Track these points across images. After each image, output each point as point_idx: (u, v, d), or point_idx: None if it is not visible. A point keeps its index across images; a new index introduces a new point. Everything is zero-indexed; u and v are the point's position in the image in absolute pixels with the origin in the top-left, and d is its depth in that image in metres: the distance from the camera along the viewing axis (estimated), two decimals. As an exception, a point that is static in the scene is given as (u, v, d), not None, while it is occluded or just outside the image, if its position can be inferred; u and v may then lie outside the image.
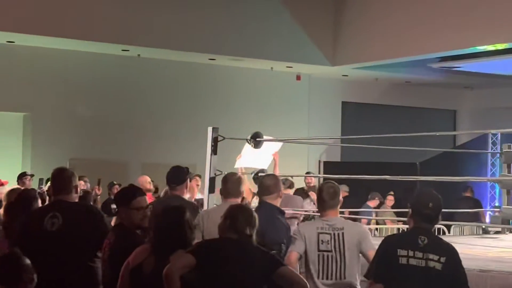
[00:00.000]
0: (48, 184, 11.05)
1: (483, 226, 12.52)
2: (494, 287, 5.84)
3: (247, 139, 9.47)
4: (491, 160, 18.91)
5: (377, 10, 16.16)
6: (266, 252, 4.58)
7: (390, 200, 13.77)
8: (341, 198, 5.52)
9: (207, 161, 9.28)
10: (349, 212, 12.20)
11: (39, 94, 15.77)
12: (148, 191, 9.65)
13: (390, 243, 4.68)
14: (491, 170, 18.81)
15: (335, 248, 5.29)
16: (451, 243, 8.63)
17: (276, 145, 10.19)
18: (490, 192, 18.03)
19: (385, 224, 13.18)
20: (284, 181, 10.44)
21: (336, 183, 5.60)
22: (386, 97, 20.25)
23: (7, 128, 15.99)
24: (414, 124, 18.97)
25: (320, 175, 10.91)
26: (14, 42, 15.05)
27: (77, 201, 5.58)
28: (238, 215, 4.53)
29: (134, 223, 5.04)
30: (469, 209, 13.61)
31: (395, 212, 13.63)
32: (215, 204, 8.76)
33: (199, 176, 10.97)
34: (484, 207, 15.95)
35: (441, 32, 14.71)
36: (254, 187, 9.74)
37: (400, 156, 16.01)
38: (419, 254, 4.45)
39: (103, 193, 13.55)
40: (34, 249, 4.91)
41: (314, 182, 13.21)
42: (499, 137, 18.27)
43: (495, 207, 14.94)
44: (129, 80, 16.66)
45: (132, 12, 14.99)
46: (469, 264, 6.26)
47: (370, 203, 13.68)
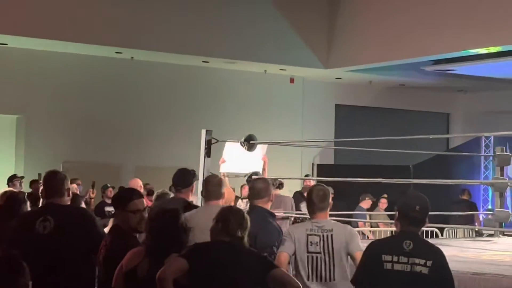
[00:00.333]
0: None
1: (476, 229, 12.54)
2: (487, 290, 5.84)
3: (240, 142, 9.45)
4: (484, 163, 18.93)
5: (371, 13, 16.18)
6: (258, 254, 4.58)
7: (383, 203, 13.77)
8: (331, 201, 5.54)
9: (200, 163, 9.26)
10: (340, 215, 12.16)
11: (32, 96, 15.74)
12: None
13: (374, 248, 4.67)
14: (484, 173, 18.84)
15: (323, 249, 5.29)
16: (444, 245, 8.65)
17: (263, 148, 10.11)
18: (483, 195, 18.04)
19: (378, 227, 13.19)
20: (273, 182, 10.42)
21: (326, 186, 5.61)
22: (380, 100, 20.27)
23: (0, 130, 15.97)
24: (407, 127, 18.96)
25: (319, 178, 10.90)
26: (7, 44, 15.02)
27: (68, 204, 5.56)
28: (230, 217, 4.50)
29: (130, 226, 5.03)
30: (461, 212, 13.63)
31: (388, 215, 13.64)
32: None
33: None
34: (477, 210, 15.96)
35: (434, 35, 14.74)
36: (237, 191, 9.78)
37: (393, 159, 16.04)
38: (404, 259, 4.42)
39: (97, 196, 13.53)
40: (26, 252, 4.88)
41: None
42: (492, 140, 18.31)
43: (488, 210, 14.94)
44: (122, 82, 16.64)
45: (126, 15, 14.98)
46: (462, 267, 6.27)
47: (363, 205, 13.69)
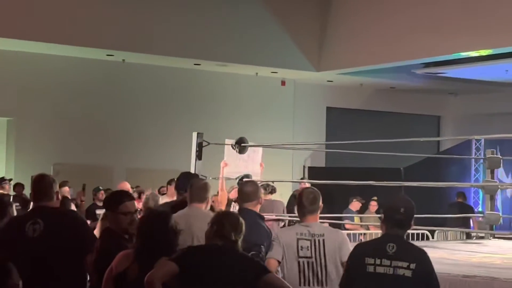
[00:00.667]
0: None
1: (466, 231, 12.56)
2: (478, 293, 5.85)
3: (231, 145, 9.44)
4: (474, 165, 19.00)
5: (362, 17, 16.21)
6: (251, 258, 4.55)
7: (373, 205, 13.73)
8: (321, 204, 5.48)
9: (191, 166, 9.25)
10: (329, 217, 12.16)
11: (23, 99, 15.70)
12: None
13: (358, 251, 4.69)
14: (475, 175, 18.90)
15: (315, 254, 5.25)
16: (435, 248, 8.66)
17: (260, 154, 10.13)
18: (474, 198, 18.10)
19: (369, 229, 13.16)
20: (265, 187, 10.42)
21: (316, 189, 5.57)
22: (371, 102, 20.31)
23: (-10, 133, 15.97)
24: (398, 130, 19.03)
25: (313, 181, 10.91)
26: (-3, 46, 15.01)
27: (58, 206, 5.56)
28: (224, 221, 4.48)
29: (121, 228, 5.02)
30: (452, 215, 13.64)
31: (379, 218, 13.60)
32: None
33: None
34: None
35: (425, 38, 14.77)
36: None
37: (384, 161, 16.05)
38: (387, 262, 4.43)
39: (88, 199, 13.50)
40: (16, 255, 4.88)
41: None
42: (482, 143, 18.37)
43: (478, 212, 14.99)
44: (113, 85, 16.62)
45: (117, 17, 14.97)
46: (452, 270, 6.29)
47: (352, 207, 13.69)
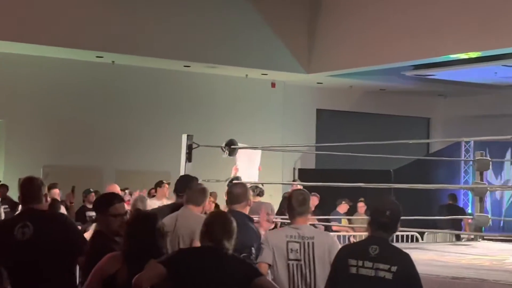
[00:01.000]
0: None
1: (455, 233, 12.59)
2: (467, 294, 5.87)
3: (221, 147, 9.45)
4: (464, 167, 19.06)
5: (352, 19, 16.24)
6: (243, 260, 4.52)
7: (361, 206, 13.68)
8: (311, 205, 5.47)
9: (181, 168, 9.26)
10: (318, 220, 12.16)
11: (12, 100, 15.66)
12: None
13: (343, 253, 4.72)
14: (464, 177, 18.96)
15: (304, 257, 5.22)
16: (424, 250, 8.67)
17: (259, 157, 10.20)
18: (463, 200, 18.15)
19: (355, 231, 13.11)
20: (253, 189, 10.42)
21: (306, 191, 5.53)
22: (361, 104, 20.35)
23: (-20, 135, 15.91)
24: (388, 132, 19.06)
25: (305, 183, 10.90)
26: (-13, 48, 14.97)
27: (46, 209, 5.55)
28: (215, 223, 4.46)
29: (111, 230, 5.01)
30: (442, 217, 13.67)
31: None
32: None
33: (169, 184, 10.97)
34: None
35: (415, 40, 14.81)
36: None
37: (374, 163, 16.05)
38: (369, 264, 4.43)
39: (78, 201, 13.47)
40: (5, 258, 4.87)
41: None
42: (472, 145, 18.43)
43: (468, 214, 15.02)
44: (103, 87, 16.60)
45: (107, 19, 14.94)
46: (441, 271, 6.30)
47: (340, 209, 13.69)
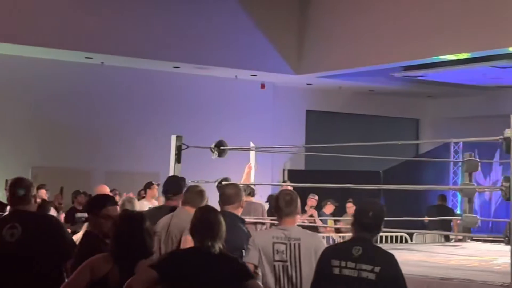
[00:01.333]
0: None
1: (444, 234, 12.63)
2: (455, 295, 5.88)
3: (211, 148, 9.44)
4: (453, 168, 19.14)
5: (341, 20, 16.25)
6: (234, 260, 4.47)
7: (350, 207, 13.66)
8: (299, 206, 5.39)
9: (170, 169, 9.24)
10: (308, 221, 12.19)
11: (1, 101, 15.60)
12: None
13: (326, 253, 4.72)
14: (453, 178, 19.03)
15: (290, 258, 5.17)
16: (413, 251, 8.70)
17: (252, 158, 10.21)
18: (452, 200, 18.22)
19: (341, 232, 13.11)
20: (245, 189, 10.43)
21: (294, 191, 5.49)
22: (350, 105, 20.38)
23: (-32, 136, 15.84)
24: (377, 133, 19.09)
25: (295, 184, 10.87)
26: (-25, 49, 14.91)
27: (35, 210, 5.54)
28: (202, 220, 4.44)
29: (103, 232, 5.01)
30: (431, 217, 13.71)
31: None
32: None
33: (159, 185, 10.98)
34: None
35: (404, 41, 14.84)
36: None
37: (364, 164, 16.10)
38: (352, 265, 4.45)
39: (67, 202, 13.44)
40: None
41: None
42: (461, 146, 18.52)
43: (456, 215, 15.08)
44: (92, 87, 16.55)
45: (96, 20, 14.89)
46: (430, 272, 6.32)
47: (325, 210, 13.71)
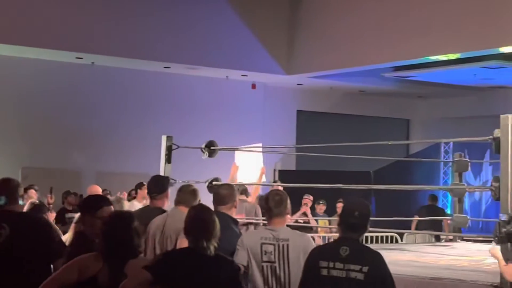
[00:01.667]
0: None
1: (434, 234, 12.65)
2: (445, 295, 5.89)
3: (201, 148, 9.43)
4: (443, 168, 19.18)
5: (331, 20, 16.27)
6: (227, 261, 4.47)
7: (340, 207, 13.60)
8: (288, 206, 5.37)
9: (161, 170, 9.22)
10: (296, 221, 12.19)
11: (-10, 101, 15.58)
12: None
13: (313, 255, 4.69)
14: (443, 178, 19.07)
15: (279, 259, 5.13)
16: (403, 251, 8.71)
17: (259, 160, 10.25)
18: (443, 201, 18.26)
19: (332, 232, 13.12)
20: (238, 188, 10.43)
21: (283, 191, 5.46)
22: (340, 106, 20.40)
23: (-42, 136, 15.78)
24: (368, 133, 19.11)
25: (285, 185, 10.87)
26: (-35, 49, 14.85)
27: (23, 211, 5.54)
28: (194, 219, 4.45)
29: (96, 232, 5.00)
30: (422, 217, 13.73)
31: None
32: None
33: None
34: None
35: (394, 42, 14.86)
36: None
37: (354, 164, 16.12)
38: (340, 265, 4.44)
39: (57, 202, 13.37)
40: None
41: None
42: (451, 146, 18.56)
43: (447, 215, 15.09)
44: (83, 88, 16.52)
45: (87, 20, 14.86)
46: (420, 272, 6.33)
47: (317, 210, 13.72)
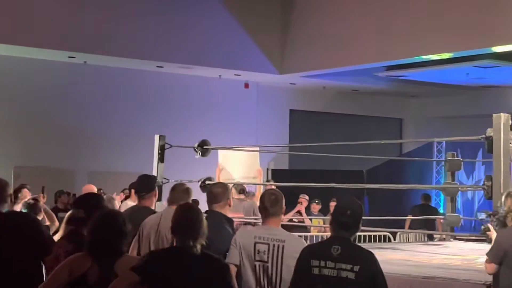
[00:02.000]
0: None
1: (427, 233, 12.67)
2: (438, 294, 5.91)
3: (194, 147, 9.44)
4: (436, 168, 19.22)
5: (324, 19, 16.28)
6: (214, 260, 4.43)
7: (333, 206, 13.62)
8: (283, 206, 5.35)
9: (154, 169, 9.24)
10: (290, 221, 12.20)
11: (-17, 101, 15.54)
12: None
13: (305, 253, 4.69)
14: (436, 177, 19.11)
15: (272, 259, 5.10)
16: (396, 250, 8.72)
17: (257, 161, 10.26)
18: (435, 200, 18.29)
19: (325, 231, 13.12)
20: (235, 187, 10.50)
21: (279, 191, 5.43)
22: (333, 105, 20.42)
23: (-50, 135, 15.74)
24: (361, 132, 19.14)
25: (280, 184, 10.87)
26: (-43, 48, 14.80)
27: (9, 210, 5.54)
28: (181, 218, 4.42)
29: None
30: (415, 217, 13.75)
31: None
32: None
33: None
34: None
35: (387, 41, 14.88)
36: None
37: (347, 164, 16.14)
38: (331, 264, 4.45)
39: (49, 201, 13.33)
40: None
41: None
42: (444, 145, 18.60)
43: (441, 214, 15.11)
44: (75, 87, 16.48)
45: (79, 19, 14.83)
46: (413, 271, 6.35)
47: (312, 210, 13.72)
